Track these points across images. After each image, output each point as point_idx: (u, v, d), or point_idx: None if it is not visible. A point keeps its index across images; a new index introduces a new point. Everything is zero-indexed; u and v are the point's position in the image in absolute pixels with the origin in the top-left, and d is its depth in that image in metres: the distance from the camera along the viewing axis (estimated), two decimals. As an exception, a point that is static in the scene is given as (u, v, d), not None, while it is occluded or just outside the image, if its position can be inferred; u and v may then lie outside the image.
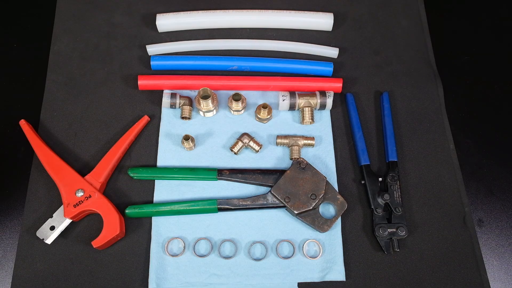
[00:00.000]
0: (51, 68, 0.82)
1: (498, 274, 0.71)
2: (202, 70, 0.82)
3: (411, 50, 0.85)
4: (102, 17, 0.86)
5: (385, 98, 0.79)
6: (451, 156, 0.77)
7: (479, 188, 0.76)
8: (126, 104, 0.79)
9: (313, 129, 0.78)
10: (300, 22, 0.85)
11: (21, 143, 0.76)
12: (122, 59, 0.83)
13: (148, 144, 0.76)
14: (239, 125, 0.78)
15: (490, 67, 0.86)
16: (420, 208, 0.73)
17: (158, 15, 0.84)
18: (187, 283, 0.68)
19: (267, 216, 0.72)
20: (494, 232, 0.73)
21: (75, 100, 0.79)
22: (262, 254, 0.70)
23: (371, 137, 0.78)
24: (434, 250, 0.70)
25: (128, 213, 0.70)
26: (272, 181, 0.72)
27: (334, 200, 0.71)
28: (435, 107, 0.80)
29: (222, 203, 0.70)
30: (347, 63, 0.83)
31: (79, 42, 0.84)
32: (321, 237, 0.70)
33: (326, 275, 0.68)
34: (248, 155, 0.76)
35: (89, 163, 0.74)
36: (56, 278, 0.68)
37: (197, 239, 0.70)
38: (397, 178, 0.73)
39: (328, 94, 0.77)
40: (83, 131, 0.77)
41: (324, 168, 0.75)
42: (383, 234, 0.69)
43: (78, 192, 0.69)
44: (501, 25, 0.90)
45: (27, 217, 0.71)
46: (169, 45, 0.82)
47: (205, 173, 0.72)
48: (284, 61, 0.81)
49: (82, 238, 0.70)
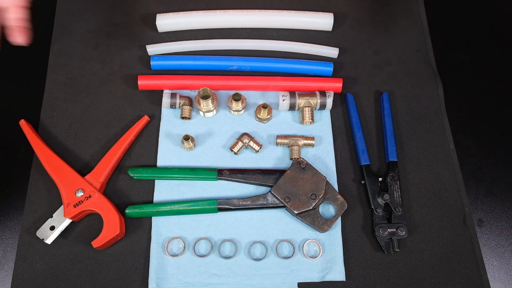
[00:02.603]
0: (51, 68, 0.82)
1: (498, 274, 0.71)
2: (202, 70, 0.82)
3: (411, 50, 0.85)
4: (102, 17, 0.86)
5: (385, 98, 0.79)
6: (451, 156, 0.77)
7: (479, 188, 0.76)
8: (126, 104, 0.79)
9: (313, 129, 0.78)
10: (300, 22, 0.85)
11: (21, 143, 0.76)
12: (122, 59, 0.83)
13: (148, 144, 0.76)
14: (239, 125, 0.78)
15: (490, 67, 0.86)
16: (420, 208, 0.73)
17: (158, 15, 0.84)
18: (187, 283, 0.68)
19: (267, 216, 0.72)
20: (494, 232, 0.73)
21: (75, 100, 0.79)
22: (262, 254, 0.70)
23: (371, 137, 0.78)
24: (434, 250, 0.70)
25: (128, 213, 0.70)
26: (272, 181, 0.72)
27: (334, 200, 0.71)
28: (435, 107, 0.80)
29: (222, 203, 0.70)
30: (347, 63, 0.83)
31: (79, 42, 0.84)
32: (321, 237, 0.70)
33: (326, 275, 0.68)
34: (248, 155, 0.76)
35: (89, 163, 0.74)
36: (56, 278, 0.68)
37: (197, 239, 0.70)
38: (397, 178, 0.73)
39: (328, 94, 0.77)
40: (83, 131, 0.77)
41: (324, 168, 0.75)
42: (383, 234, 0.69)
43: (78, 192, 0.69)
44: (501, 25, 0.90)
45: (27, 217, 0.71)
46: (169, 45, 0.82)
47: (205, 173, 0.72)
48: (284, 61, 0.81)
49: (82, 238, 0.70)
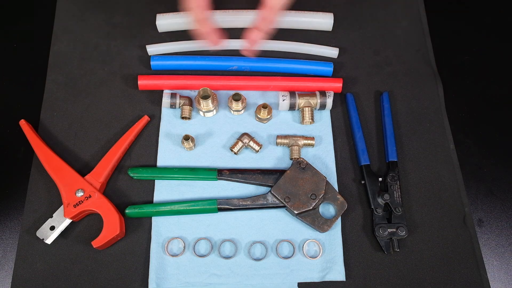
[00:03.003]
0: (51, 68, 0.82)
1: (498, 274, 0.71)
2: (202, 70, 0.82)
3: (411, 50, 0.85)
4: (102, 17, 0.86)
5: (385, 98, 0.79)
6: (451, 156, 0.77)
7: (479, 188, 0.76)
8: (126, 104, 0.79)
9: (313, 129, 0.78)
10: (300, 22, 0.85)
11: (21, 143, 0.76)
12: (122, 59, 0.83)
13: (148, 144, 0.76)
14: (239, 125, 0.78)
15: (490, 67, 0.86)
16: (420, 208, 0.73)
17: (158, 15, 0.84)
18: (187, 283, 0.68)
19: (267, 216, 0.72)
20: (494, 232, 0.73)
21: (75, 100, 0.79)
22: (262, 254, 0.70)
23: (371, 137, 0.78)
24: (434, 250, 0.70)
25: (128, 213, 0.70)
26: (272, 181, 0.72)
27: (334, 200, 0.71)
28: (435, 107, 0.80)
29: (222, 203, 0.70)
30: (347, 63, 0.83)
31: (79, 42, 0.84)
32: (321, 237, 0.70)
33: (326, 275, 0.68)
34: (248, 155, 0.76)
35: (89, 163, 0.74)
36: (56, 278, 0.68)
37: (197, 239, 0.70)
38: (397, 178, 0.73)
39: (328, 94, 0.77)
40: (83, 131, 0.77)
41: (324, 168, 0.75)
42: (383, 234, 0.69)
43: (78, 192, 0.69)
44: (501, 25, 0.90)
45: (27, 217, 0.71)
46: (169, 45, 0.82)
47: (205, 173, 0.72)
48: (284, 61, 0.81)
49: (82, 238, 0.70)
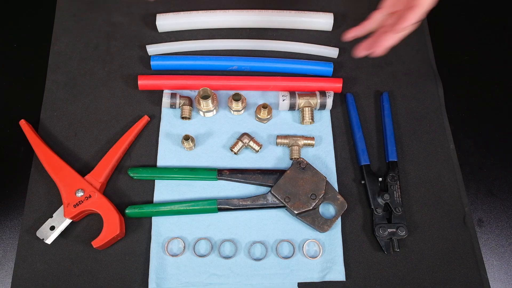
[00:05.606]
0: (51, 68, 0.82)
1: (498, 274, 0.71)
2: (202, 70, 0.82)
3: (411, 50, 0.85)
4: (102, 17, 0.86)
5: (385, 98, 0.79)
6: (451, 156, 0.77)
7: (479, 188, 0.76)
8: (126, 104, 0.79)
9: (313, 129, 0.78)
10: (300, 22, 0.85)
11: (21, 143, 0.76)
12: (122, 59, 0.83)
13: (148, 144, 0.76)
14: (239, 125, 0.78)
15: (490, 67, 0.86)
16: (420, 208, 0.73)
17: (158, 15, 0.84)
18: (187, 283, 0.68)
19: (267, 216, 0.72)
20: (494, 232, 0.73)
21: (75, 100, 0.79)
22: (262, 254, 0.70)
23: (371, 137, 0.78)
24: (434, 250, 0.70)
25: (128, 213, 0.70)
26: (272, 181, 0.72)
27: (334, 200, 0.71)
28: (435, 107, 0.80)
29: (222, 203, 0.70)
30: (347, 63, 0.83)
31: (79, 42, 0.84)
32: (321, 237, 0.70)
33: (326, 275, 0.68)
34: (248, 155, 0.76)
35: (89, 163, 0.74)
36: (56, 278, 0.68)
37: (197, 239, 0.70)
38: (397, 178, 0.73)
39: (328, 94, 0.77)
40: (83, 131, 0.77)
41: (324, 168, 0.75)
42: (383, 234, 0.69)
43: (78, 192, 0.69)
44: (501, 25, 0.90)
45: (27, 217, 0.71)
46: (169, 45, 0.82)
47: (205, 173, 0.72)
48: (284, 61, 0.81)
49: (82, 238, 0.70)
